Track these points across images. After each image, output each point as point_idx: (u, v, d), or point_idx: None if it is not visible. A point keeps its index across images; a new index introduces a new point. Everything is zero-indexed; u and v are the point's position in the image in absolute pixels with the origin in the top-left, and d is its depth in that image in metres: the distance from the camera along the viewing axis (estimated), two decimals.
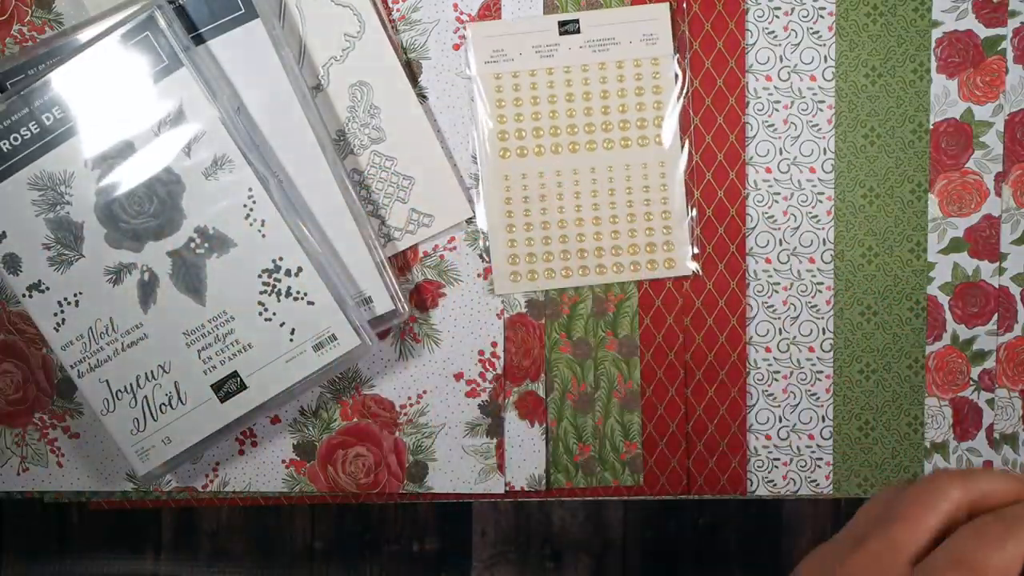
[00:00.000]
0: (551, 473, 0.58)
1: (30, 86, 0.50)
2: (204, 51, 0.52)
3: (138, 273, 0.52)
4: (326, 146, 0.54)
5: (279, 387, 0.53)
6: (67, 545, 0.61)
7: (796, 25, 0.56)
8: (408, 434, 0.58)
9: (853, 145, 0.57)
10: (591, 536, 0.60)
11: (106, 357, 0.52)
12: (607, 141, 0.56)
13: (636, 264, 0.57)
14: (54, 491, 0.59)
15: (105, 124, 0.51)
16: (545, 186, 0.56)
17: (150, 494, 0.58)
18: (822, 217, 0.57)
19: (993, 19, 0.56)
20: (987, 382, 0.58)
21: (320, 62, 0.55)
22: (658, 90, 0.56)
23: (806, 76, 0.57)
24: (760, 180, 0.57)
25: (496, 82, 0.56)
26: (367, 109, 0.56)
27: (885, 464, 0.58)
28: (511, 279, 0.57)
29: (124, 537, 0.61)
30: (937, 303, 0.58)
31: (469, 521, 0.61)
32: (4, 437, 0.58)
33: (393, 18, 0.56)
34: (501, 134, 0.56)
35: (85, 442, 0.58)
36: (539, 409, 0.58)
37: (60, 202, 0.51)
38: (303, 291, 0.52)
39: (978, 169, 0.57)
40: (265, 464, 0.58)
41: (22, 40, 0.55)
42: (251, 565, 0.61)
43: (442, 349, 0.57)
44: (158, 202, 0.52)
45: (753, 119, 0.57)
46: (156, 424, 0.53)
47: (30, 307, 0.52)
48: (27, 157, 0.51)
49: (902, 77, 0.56)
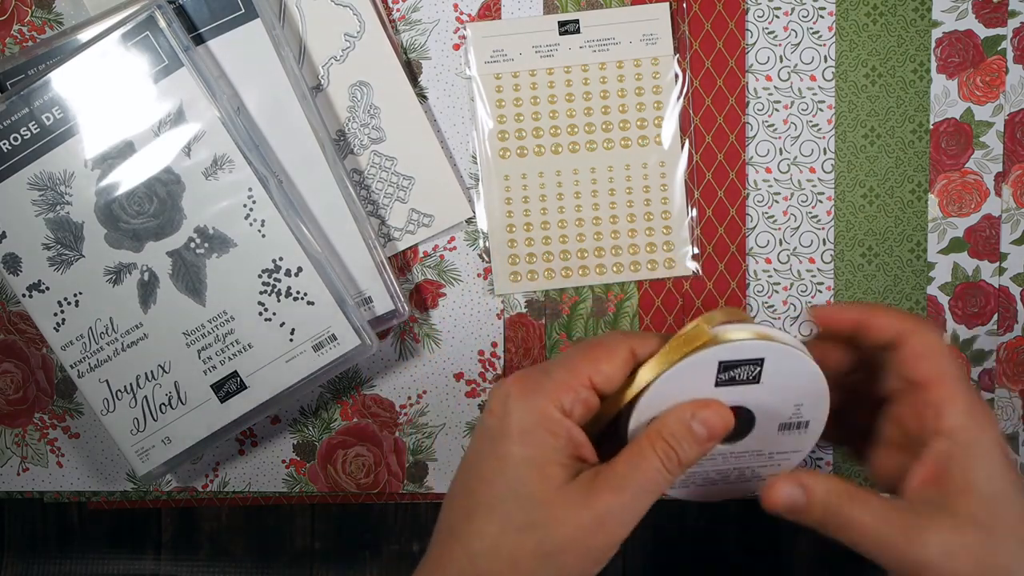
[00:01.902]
0: None
1: (30, 86, 0.50)
2: (204, 51, 0.52)
3: (138, 273, 0.52)
4: (326, 146, 0.54)
5: (279, 387, 0.53)
6: (67, 545, 0.61)
7: (796, 25, 0.56)
8: (408, 434, 0.58)
9: (853, 145, 0.57)
10: None
11: (106, 357, 0.52)
12: (607, 141, 0.56)
13: (636, 264, 0.57)
14: (54, 491, 0.59)
15: (105, 124, 0.51)
16: (545, 186, 0.56)
17: (150, 494, 0.58)
18: (822, 217, 0.57)
19: (993, 19, 0.56)
20: (987, 382, 0.58)
21: (320, 62, 0.55)
22: (658, 90, 0.56)
23: (806, 76, 0.57)
24: (760, 180, 0.57)
25: (496, 82, 0.56)
26: (367, 109, 0.56)
27: None
28: (511, 279, 0.57)
29: (124, 537, 0.61)
30: (937, 303, 0.58)
31: None
32: (4, 437, 0.58)
33: (393, 18, 0.56)
34: (501, 134, 0.56)
35: (85, 442, 0.58)
36: None
37: (60, 202, 0.51)
38: (303, 291, 0.52)
39: (978, 169, 0.57)
40: (265, 464, 0.58)
41: (22, 40, 0.55)
42: (251, 565, 0.61)
43: (442, 349, 0.57)
44: (158, 202, 0.52)
45: (753, 119, 0.57)
46: (156, 424, 0.53)
47: (30, 307, 0.52)
48: (27, 157, 0.51)
49: (902, 77, 0.56)
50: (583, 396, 0.35)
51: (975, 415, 0.35)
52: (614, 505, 0.34)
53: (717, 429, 0.35)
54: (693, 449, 0.35)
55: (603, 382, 0.35)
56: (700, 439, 0.35)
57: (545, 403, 0.34)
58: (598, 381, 0.35)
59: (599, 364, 0.35)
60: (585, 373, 0.35)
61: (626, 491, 0.34)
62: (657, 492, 0.36)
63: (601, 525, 0.34)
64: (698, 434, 0.35)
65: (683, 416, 0.35)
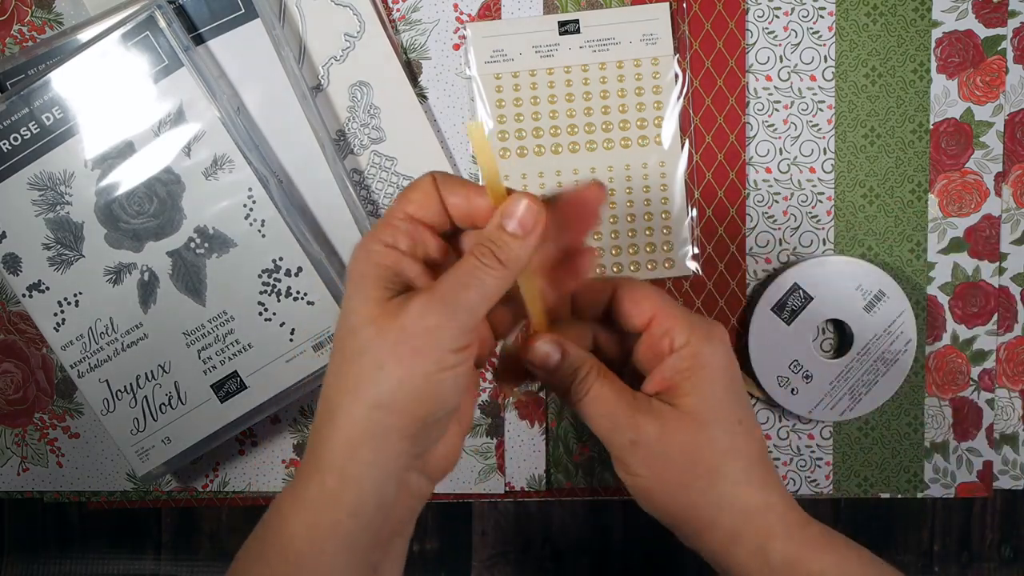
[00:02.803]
0: (551, 473, 0.58)
1: (30, 86, 0.50)
2: (204, 51, 0.52)
3: (138, 273, 0.52)
4: (326, 146, 0.54)
5: (279, 387, 0.53)
6: (67, 545, 0.61)
7: (796, 25, 0.56)
8: None
9: (853, 145, 0.57)
10: (591, 536, 0.60)
11: (106, 357, 0.52)
12: (607, 141, 0.56)
13: (636, 264, 0.57)
14: (54, 491, 0.59)
15: (105, 124, 0.51)
16: (545, 186, 0.56)
17: (150, 494, 0.58)
18: (822, 217, 0.57)
19: (993, 19, 0.56)
20: (987, 382, 0.58)
21: (320, 62, 0.55)
22: (658, 90, 0.56)
23: (806, 76, 0.57)
24: (760, 180, 0.57)
25: (496, 82, 0.56)
26: (367, 109, 0.56)
27: (885, 464, 0.58)
28: None
29: (124, 537, 0.61)
30: (937, 303, 0.58)
31: (469, 521, 0.61)
32: (4, 437, 0.58)
33: (393, 18, 0.56)
34: (501, 134, 0.56)
35: (85, 442, 0.58)
36: (539, 409, 0.58)
37: (60, 202, 0.51)
38: (303, 291, 0.52)
39: (978, 169, 0.57)
40: (265, 464, 0.58)
41: (22, 40, 0.55)
42: None
43: None
44: (158, 202, 0.52)
45: (753, 119, 0.57)
46: (156, 424, 0.53)
47: (30, 307, 0.52)
48: (27, 157, 0.51)
49: (902, 77, 0.56)
50: (402, 227, 0.36)
51: (696, 330, 0.39)
52: (426, 311, 0.34)
53: (528, 223, 0.35)
54: (512, 244, 0.35)
55: (415, 209, 0.36)
56: (515, 234, 0.35)
57: (368, 242, 0.36)
58: (411, 210, 0.36)
59: (408, 196, 0.36)
60: (399, 208, 0.36)
61: (435, 293, 0.35)
62: (481, 298, 0.35)
63: (412, 336, 0.34)
64: (510, 229, 0.35)
65: (495, 219, 0.36)
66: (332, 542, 0.35)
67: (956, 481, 0.58)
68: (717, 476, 0.38)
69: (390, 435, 0.35)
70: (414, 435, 0.35)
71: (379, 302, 0.35)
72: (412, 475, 0.37)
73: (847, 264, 0.56)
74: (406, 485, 0.37)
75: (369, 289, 0.35)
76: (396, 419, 0.34)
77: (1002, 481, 0.59)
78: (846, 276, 0.56)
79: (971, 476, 0.58)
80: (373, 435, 0.34)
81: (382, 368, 0.34)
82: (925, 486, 0.58)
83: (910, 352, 0.56)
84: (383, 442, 0.35)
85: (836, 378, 0.56)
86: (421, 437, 0.35)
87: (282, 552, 0.36)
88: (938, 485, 0.58)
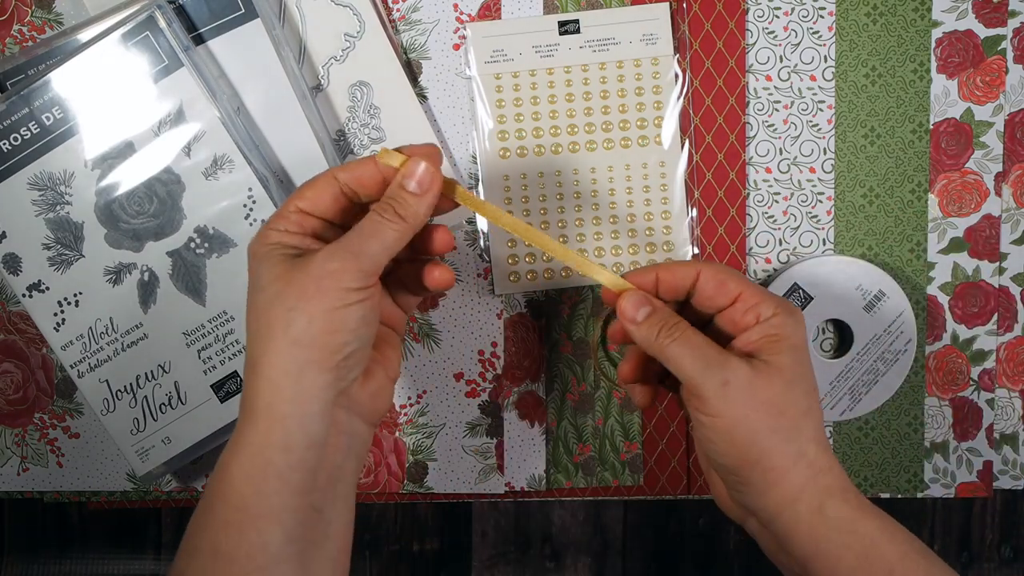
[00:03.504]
0: (551, 473, 0.58)
1: (30, 86, 0.50)
2: (204, 51, 0.52)
3: (138, 273, 0.52)
4: (326, 146, 0.54)
5: None
6: (67, 545, 0.61)
7: (796, 25, 0.56)
8: (408, 434, 0.58)
9: (853, 145, 0.57)
10: (591, 536, 0.60)
11: (106, 357, 0.52)
12: (607, 141, 0.56)
13: (636, 264, 0.57)
14: (54, 491, 0.59)
15: (105, 124, 0.51)
16: (545, 186, 0.56)
17: (150, 494, 0.58)
18: (822, 217, 0.57)
19: (993, 19, 0.56)
20: (987, 382, 0.58)
21: (320, 62, 0.55)
22: (658, 90, 0.56)
23: (806, 76, 0.57)
24: (760, 180, 0.57)
25: (496, 82, 0.56)
26: (367, 109, 0.56)
27: (885, 464, 0.58)
28: (511, 279, 0.57)
29: (124, 537, 0.61)
30: (937, 303, 0.58)
31: (469, 521, 0.61)
32: (4, 437, 0.58)
33: (393, 18, 0.56)
34: (501, 134, 0.56)
35: (85, 442, 0.58)
36: (539, 409, 0.58)
37: (60, 202, 0.51)
38: None
39: (978, 169, 0.57)
40: None
41: (22, 40, 0.55)
42: None
43: (442, 349, 0.57)
44: (158, 202, 0.52)
45: (753, 119, 0.57)
46: (156, 424, 0.53)
47: (30, 307, 0.52)
48: (27, 157, 0.51)
49: (902, 77, 0.56)
50: (293, 218, 0.40)
51: (782, 306, 0.42)
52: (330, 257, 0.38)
53: (425, 182, 0.40)
54: (411, 201, 0.40)
55: (307, 204, 0.40)
56: (414, 192, 0.40)
57: (263, 230, 0.40)
58: (303, 204, 0.40)
59: (303, 192, 0.40)
60: (292, 203, 0.40)
61: (339, 243, 0.39)
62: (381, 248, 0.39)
63: (317, 278, 0.38)
64: (411, 188, 0.40)
65: (396, 179, 0.40)
66: (269, 482, 0.37)
67: (956, 481, 0.58)
68: (798, 431, 0.40)
69: (309, 369, 0.37)
70: (332, 368, 0.38)
71: (283, 261, 0.39)
72: (340, 412, 0.39)
73: (847, 264, 0.56)
74: (336, 423, 0.39)
75: (272, 258, 0.39)
76: (312, 352, 0.37)
77: (1002, 481, 0.59)
78: (846, 276, 0.56)
79: (971, 476, 0.58)
80: (292, 372, 0.37)
81: (293, 309, 0.37)
82: (925, 486, 0.58)
83: (910, 352, 0.56)
84: (303, 377, 0.37)
85: (836, 378, 0.56)
86: (342, 370, 0.38)
87: (226, 499, 0.38)
88: (938, 485, 0.58)
